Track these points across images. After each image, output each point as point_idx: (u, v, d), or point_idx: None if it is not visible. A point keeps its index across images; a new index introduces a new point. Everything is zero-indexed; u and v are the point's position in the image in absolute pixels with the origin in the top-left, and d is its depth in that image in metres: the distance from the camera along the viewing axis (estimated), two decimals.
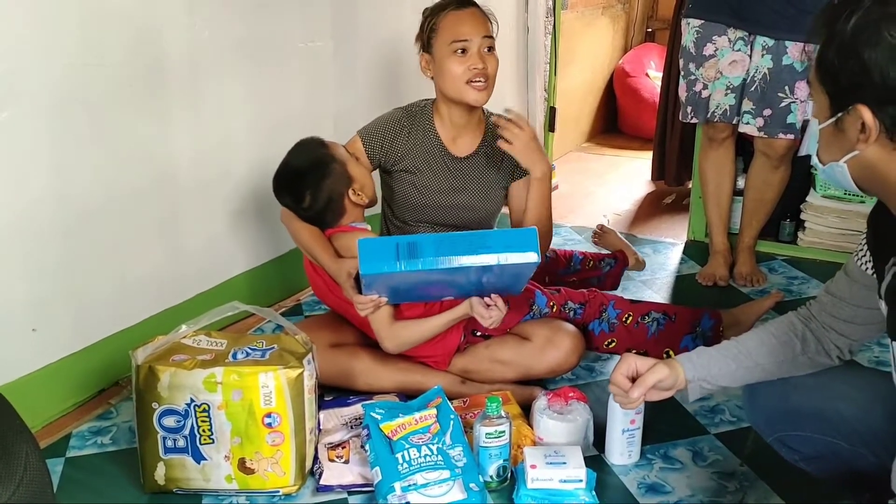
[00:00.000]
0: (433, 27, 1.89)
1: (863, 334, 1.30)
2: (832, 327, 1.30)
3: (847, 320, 1.28)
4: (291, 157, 1.84)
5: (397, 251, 1.52)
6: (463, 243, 1.54)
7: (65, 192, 1.83)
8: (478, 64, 1.84)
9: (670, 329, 1.90)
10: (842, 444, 1.30)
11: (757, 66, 2.43)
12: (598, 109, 4.68)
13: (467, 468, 1.50)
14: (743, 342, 1.35)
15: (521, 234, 1.58)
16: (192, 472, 1.54)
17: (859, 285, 1.25)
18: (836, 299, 1.29)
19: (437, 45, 1.88)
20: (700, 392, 1.34)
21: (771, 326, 1.36)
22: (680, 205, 3.41)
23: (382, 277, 1.55)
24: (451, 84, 1.88)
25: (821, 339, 1.32)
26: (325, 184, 1.79)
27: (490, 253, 1.54)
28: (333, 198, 1.80)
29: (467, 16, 1.87)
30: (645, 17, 4.98)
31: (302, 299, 2.51)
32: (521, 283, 1.69)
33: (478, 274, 1.58)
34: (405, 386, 1.84)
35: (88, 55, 1.82)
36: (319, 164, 1.80)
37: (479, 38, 1.85)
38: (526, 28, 3.76)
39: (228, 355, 1.54)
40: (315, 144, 1.85)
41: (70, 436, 1.79)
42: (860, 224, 2.70)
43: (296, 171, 1.81)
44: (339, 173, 1.81)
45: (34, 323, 1.80)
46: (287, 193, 1.83)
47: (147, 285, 2.06)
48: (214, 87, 2.16)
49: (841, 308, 1.28)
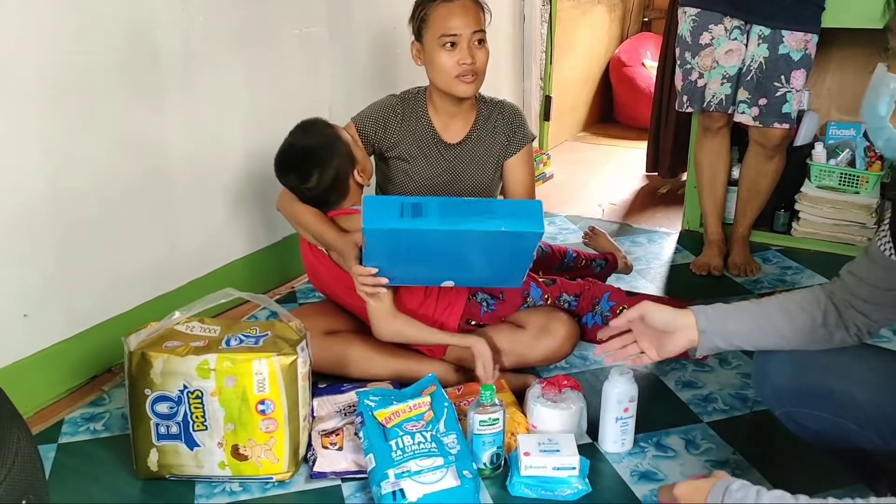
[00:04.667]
0: (424, 17, 1.87)
1: (882, 316, 1.27)
2: (852, 305, 1.27)
3: (866, 300, 1.25)
4: (297, 137, 1.84)
5: (402, 209, 1.52)
6: (468, 208, 1.54)
7: (58, 179, 1.81)
8: (466, 59, 1.84)
9: None
10: (850, 424, 1.27)
11: (753, 56, 2.42)
12: (593, 99, 4.67)
13: (461, 455, 1.50)
14: (763, 304, 1.29)
15: (526, 206, 1.57)
16: (185, 459, 1.53)
17: (878, 267, 1.23)
18: (856, 279, 1.26)
19: (427, 37, 1.87)
20: (710, 348, 1.29)
21: (794, 294, 1.30)
22: (675, 195, 3.41)
23: (384, 239, 1.54)
24: (440, 77, 1.88)
25: (842, 313, 1.27)
26: (332, 163, 1.79)
27: (495, 219, 1.52)
28: (340, 177, 1.81)
29: (458, 8, 1.84)
30: (641, 7, 4.96)
31: (296, 286, 2.50)
32: (523, 267, 1.66)
33: (481, 249, 1.56)
34: (399, 374, 1.84)
35: (81, 43, 1.81)
36: (328, 143, 1.81)
37: (468, 31, 1.84)
38: (522, 17, 3.75)
39: (222, 342, 1.53)
40: (322, 124, 1.86)
41: (63, 422, 1.78)
42: (855, 214, 2.72)
43: (304, 150, 1.81)
44: (345, 153, 1.82)
45: (26, 308, 1.80)
46: (293, 172, 1.82)
47: (140, 272, 2.05)
48: (208, 74, 2.15)
49: (860, 288, 1.26)
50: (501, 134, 2.00)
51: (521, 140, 2.01)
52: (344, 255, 1.73)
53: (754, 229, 2.74)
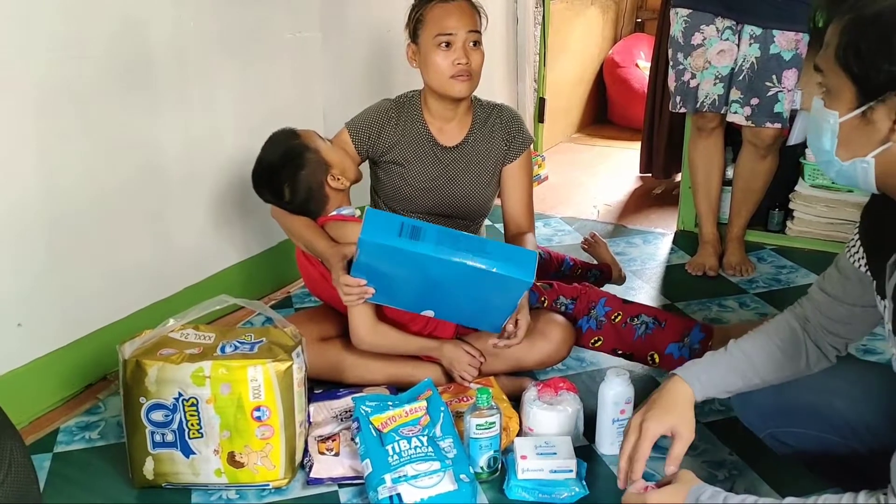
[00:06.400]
0: (420, 18, 1.88)
1: (859, 332, 1.27)
2: (829, 330, 1.26)
3: (843, 321, 1.24)
4: (264, 153, 1.84)
5: (401, 229, 1.54)
6: (464, 243, 1.56)
7: (51, 185, 1.81)
8: (462, 59, 1.84)
9: (658, 334, 1.88)
10: (834, 438, 1.29)
11: (745, 56, 2.43)
12: (587, 100, 4.67)
13: (458, 459, 1.50)
14: (752, 357, 1.28)
15: (521, 253, 1.61)
16: (180, 467, 1.53)
17: (853, 282, 1.21)
18: (831, 298, 1.25)
19: (422, 37, 1.87)
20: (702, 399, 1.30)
21: (776, 337, 1.29)
22: (669, 195, 3.42)
23: (378, 253, 1.54)
24: (435, 77, 1.88)
25: (820, 345, 1.28)
26: (300, 175, 1.78)
27: (488, 259, 1.54)
28: (313, 187, 1.80)
29: (454, 9, 1.85)
30: (634, 8, 4.97)
31: (292, 292, 2.50)
32: (504, 312, 1.69)
33: (467, 284, 1.58)
34: (395, 378, 1.84)
35: (73, 47, 1.80)
36: (292, 156, 1.79)
37: (464, 32, 1.84)
38: (515, 18, 3.75)
39: (217, 349, 1.53)
40: (285, 136, 1.83)
41: (57, 431, 1.77)
42: (849, 213, 2.72)
43: (270, 166, 1.81)
44: (313, 161, 1.80)
45: (20, 318, 1.79)
46: (266, 189, 1.82)
47: (134, 279, 2.05)
48: (202, 78, 2.14)
49: (835, 308, 1.24)
50: (499, 138, 2.00)
51: (521, 145, 2.01)
52: (329, 266, 1.73)
53: (749, 229, 2.75)
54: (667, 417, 1.24)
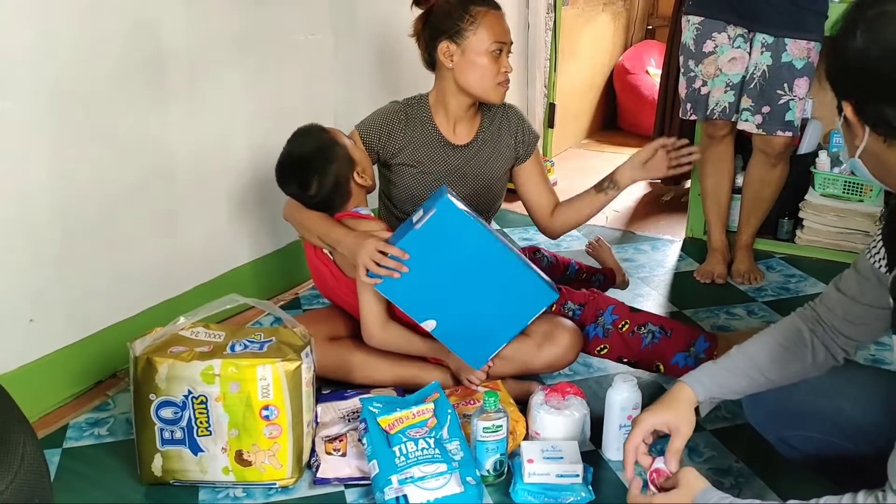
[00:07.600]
0: (472, 21, 1.87)
1: (871, 334, 1.27)
2: (840, 331, 1.27)
3: (857, 322, 1.25)
4: (294, 146, 1.85)
5: (469, 213, 1.66)
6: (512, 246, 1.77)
7: (63, 184, 1.82)
8: (509, 68, 1.91)
9: (665, 343, 1.89)
10: (844, 443, 1.29)
11: (756, 64, 2.43)
12: (597, 106, 4.67)
13: (464, 462, 1.50)
14: (754, 357, 1.30)
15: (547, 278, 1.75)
16: (189, 464, 1.54)
17: (871, 283, 1.22)
18: (847, 298, 1.25)
19: (473, 41, 1.87)
20: (710, 407, 1.32)
21: (780, 336, 1.31)
22: (678, 202, 3.41)
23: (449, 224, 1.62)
24: (479, 81, 1.90)
25: (828, 346, 1.28)
26: (331, 168, 1.81)
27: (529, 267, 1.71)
28: (340, 181, 1.82)
29: (503, 18, 1.92)
30: (645, 15, 4.97)
31: (301, 292, 2.51)
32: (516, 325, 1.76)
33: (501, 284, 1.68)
34: (403, 380, 1.84)
35: (85, 49, 1.82)
36: (324, 149, 1.82)
37: (510, 41, 1.93)
38: (527, 24, 3.76)
39: (226, 347, 1.54)
40: (317, 130, 1.87)
41: (67, 427, 1.79)
42: (858, 223, 2.71)
43: (301, 158, 1.82)
44: (343, 157, 1.83)
45: (32, 313, 1.80)
46: (293, 182, 1.83)
47: (145, 277, 2.06)
48: (213, 80, 2.16)
49: (851, 308, 1.25)
50: (507, 136, 2.03)
51: (530, 143, 2.05)
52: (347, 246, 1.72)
53: (758, 237, 2.74)
54: (663, 412, 1.28)
